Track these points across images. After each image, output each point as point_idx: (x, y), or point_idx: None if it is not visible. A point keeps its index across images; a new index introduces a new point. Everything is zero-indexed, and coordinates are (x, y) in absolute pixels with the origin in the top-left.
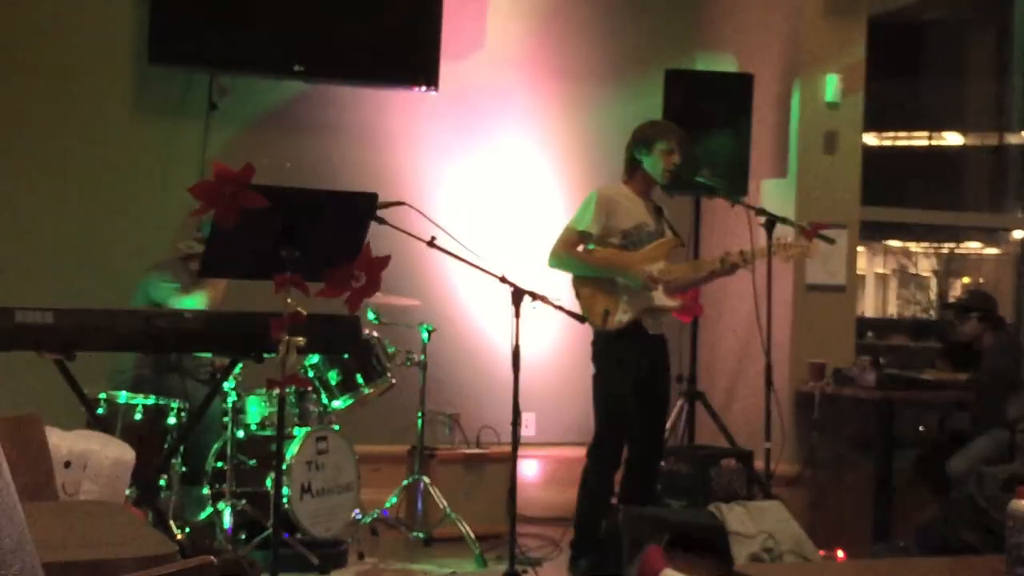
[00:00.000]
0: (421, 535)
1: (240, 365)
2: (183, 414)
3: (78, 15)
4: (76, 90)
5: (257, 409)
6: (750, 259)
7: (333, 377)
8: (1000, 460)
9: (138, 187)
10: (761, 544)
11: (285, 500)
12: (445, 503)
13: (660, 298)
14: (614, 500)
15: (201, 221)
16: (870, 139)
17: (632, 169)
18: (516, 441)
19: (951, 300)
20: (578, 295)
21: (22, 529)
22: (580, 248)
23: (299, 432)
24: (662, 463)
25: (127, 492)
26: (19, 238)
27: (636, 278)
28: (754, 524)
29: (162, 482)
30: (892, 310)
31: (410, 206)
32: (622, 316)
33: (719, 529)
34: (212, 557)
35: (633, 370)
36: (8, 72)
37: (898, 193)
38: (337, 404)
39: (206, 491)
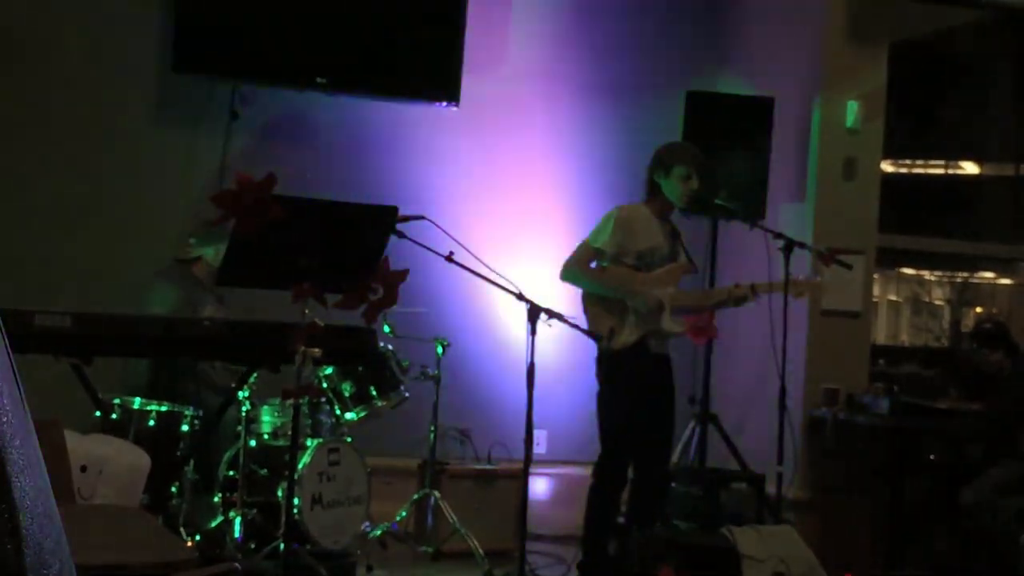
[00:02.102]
0: (430, 549)
1: (255, 374)
2: (196, 422)
3: (102, 23)
4: (99, 97)
5: (270, 419)
6: (761, 291)
7: (347, 389)
8: (1013, 491)
9: (159, 194)
10: (772, 569)
11: (295, 510)
12: (455, 518)
13: (667, 322)
14: (621, 519)
15: (202, 231)
16: (886, 166)
17: (651, 191)
18: (529, 458)
19: (975, 329)
20: (586, 311)
21: (60, 529)
22: (593, 265)
23: (311, 443)
24: (672, 484)
25: (141, 498)
26: (39, 243)
27: (645, 302)
28: (766, 548)
29: (173, 489)
30: (904, 338)
31: (430, 220)
32: (627, 337)
33: (731, 552)
34: (237, 564)
35: (636, 389)
36: (31, 79)
37: (913, 221)
38: (350, 416)
39: (217, 499)
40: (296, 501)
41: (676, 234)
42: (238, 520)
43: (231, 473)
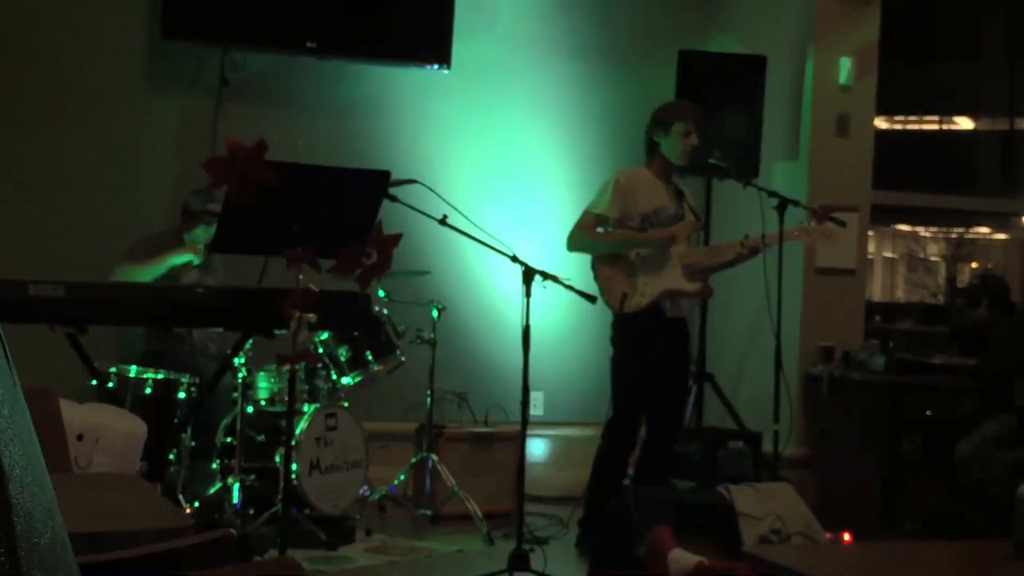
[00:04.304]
0: (429, 513)
1: (251, 341)
2: (193, 389)
3: None
4: (89, 64)
5: (267, 385)
6: (771, 243)
7: (343, 354)
8: (1008, 445)
9: (150, 162)
10: (769, 526)
11: (294, 476)
12: (453, 481)
13: (679, 281)
14: (627, 481)
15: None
16: (879, 122)
17: (651, 151)
18: (525, 420)
19: (962, 285)
20: (596, 277)
21: (52, 498)
22: (599, 230)
23: (308, 408)
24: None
25: (138, 466)
26: (32, 211)
27: (656, 243)
28: (762, 506)
29: (171, 456)
30: (900, 294)
31: (422, 184)
32: (640, 299)
33: (728, 510)
34: (232, 530)
35: (651, 353)
36: (21, 46)
37: (907, 177)
38: (346, 381)
39: (215, 466)
40: (294, 467)
41: (681, 194)
42: (236, 486)
43: (229, 440)
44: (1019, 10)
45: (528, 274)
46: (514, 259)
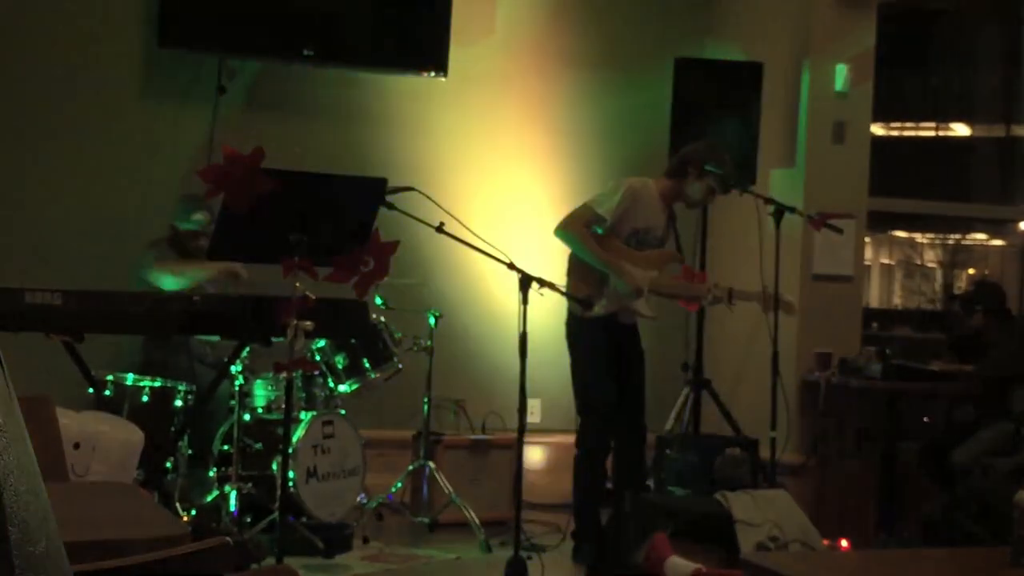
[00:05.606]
0: (426, 520)
1: (248, 348)
2: (190, 397)
3: None
4: (85, 73)
5: (264, 393)
6: (739, 298)
7: (340, 361)
8: (1005, 452)
9: (147, 170)
10: (767, 533)
11: (291, 484)
12: (450, 489)
13: (642, 306)
14: (609, 485)
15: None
16: (876, 129)
17: (676, 173)
18: (522, 427)
19: (957, 292)
20: (568, 273)
21: (46, 506)
22: (589, 228)
23: (305, 416)
24: (667, 451)
25: (135, 474)
26: (28, 220)
27: (627, 287)
28: (760, 513)
29: (168, 464)
30: (897, 301)
31: (419, 191)
32: (599, 310)
33: (725, 517)
34: (229, 538)
35: (605, 352)
36: (18, 54)
37: (904, 184)
38: (343, 388)
39: (212, 474)
40: (291, 474)
41: (673, 219)
42: (233, 494)
43: (226, 448)
44: (1015, 16)
45: (525, 281)
46: (511, 266)
